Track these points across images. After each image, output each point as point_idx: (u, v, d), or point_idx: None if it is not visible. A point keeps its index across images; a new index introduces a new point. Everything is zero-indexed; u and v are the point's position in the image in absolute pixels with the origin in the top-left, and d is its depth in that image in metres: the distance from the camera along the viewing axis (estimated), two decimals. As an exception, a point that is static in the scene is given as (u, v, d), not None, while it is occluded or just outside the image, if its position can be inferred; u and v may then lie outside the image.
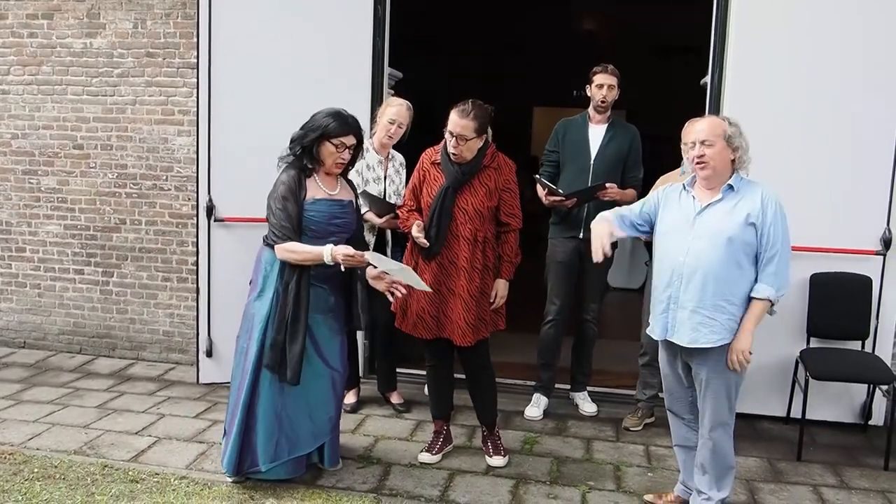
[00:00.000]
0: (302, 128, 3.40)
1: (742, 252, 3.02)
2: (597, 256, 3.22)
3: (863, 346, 4.37)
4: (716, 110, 4.50)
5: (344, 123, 3.38)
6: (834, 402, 4.44)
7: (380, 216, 4.18)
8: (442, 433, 3.95)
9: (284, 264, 3.37)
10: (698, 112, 4.61)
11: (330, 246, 3.30)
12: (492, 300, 3.71)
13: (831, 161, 4.29)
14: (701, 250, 3.05)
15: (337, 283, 3.53)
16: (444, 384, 3.95)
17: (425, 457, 3.85)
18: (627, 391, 4.74)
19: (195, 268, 4.91)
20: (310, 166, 3.40)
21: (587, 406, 4.67)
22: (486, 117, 3.57)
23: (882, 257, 4.36)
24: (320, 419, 3.53)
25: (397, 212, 3.94)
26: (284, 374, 3.35)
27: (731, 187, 3.08)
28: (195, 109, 4.80)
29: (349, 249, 3.29)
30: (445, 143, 3.63)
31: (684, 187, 3.22)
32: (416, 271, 3.55)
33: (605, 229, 3.25)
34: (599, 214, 3.39)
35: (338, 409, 3.65)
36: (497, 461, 3.84)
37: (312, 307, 3.40)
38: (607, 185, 4.28)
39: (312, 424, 3.51)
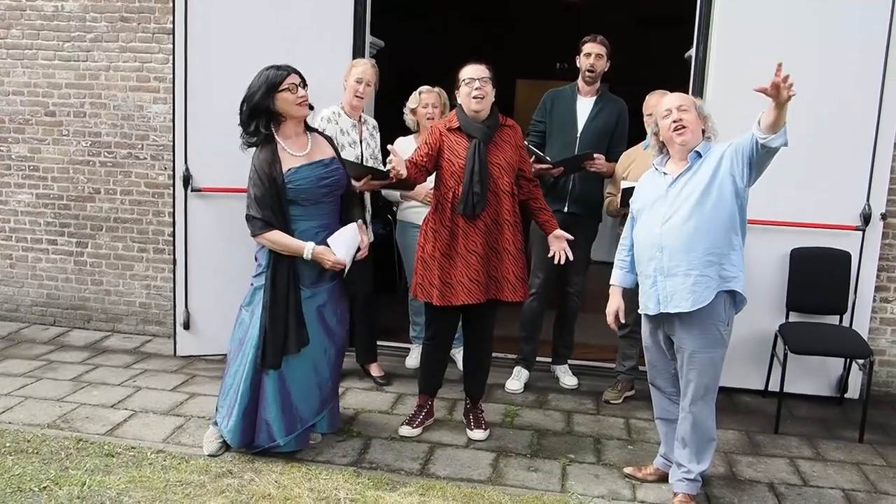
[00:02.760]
0: (244, 103, 3.33)
1: (718, 201, 3.04)
2: (610, 319, 3.42)
3: (840, 321, 4.41)
4: (700, 84, 4.48)
5: (278, 68, 3.34)
6: (811, 376, 4.49)
7: (357, 180, 4.12)
8: (425, 408, 3.94)
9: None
10: (683, 86, 4.59)
11: (311, 244, 3.31)
12: (556, 257, 3.76)
13: (813, 137, 4.28)
14: (680, 213, 3.08)
15: None
16: (441, 361, 3.94)
17: (406, 430, 3.83)
18: (608, 364, 4.74)
19: (172, 239, 4.84)
20: (274, 129, 3.34)
21: (568, 379, 4.68)
22: (493, 72, 3.67)
23: (861, 233, 4.38)
24: (325, 387, 3.54)
25: (392, 168, 3.64)
26: (292, 346, 3.38)
27: (698, 154, 3.12)
28: (171, 76, 4.69)
29: (328, 255, 3.34)
30: (458, 108, 3.69)
31: (655, 168, 3.25)
32: (456, 236, 3.61)
33: (615, 304, 3.41)
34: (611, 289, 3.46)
35: (339, 374, 3.69)
36: (478, 434, 3.84)
37: (316, 278, 3.42)
38: (595, 155, 4.26)
39: (320, 393, 3.52)
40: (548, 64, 9.25)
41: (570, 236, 3.78)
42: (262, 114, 3.30)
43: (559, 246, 3.77)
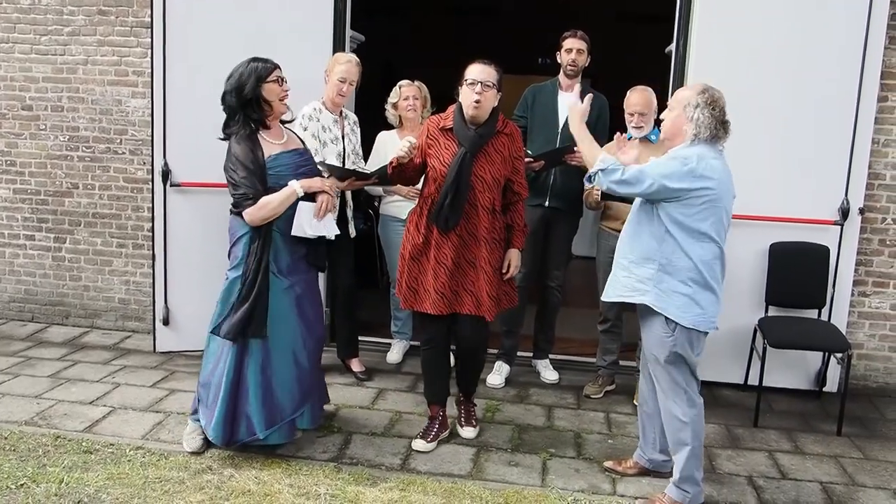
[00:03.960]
0: (230, 91, 3.34)
1: (644, 209, 3.09)
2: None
3: (819, 315, 4.45)
4: (680, 78, 4.49)
5: (265, 60, 3.39)
6: (790, 370, 4.52)
7: (341, 181, 4.11)
8: (438, 419, 3.74)
9: (251, 232, 3.33)
10: (663, 80, 4.61)
11: (295, 182, 3.34)
12: (505, 271, 3.60)
13: (792, 131, 4.32)
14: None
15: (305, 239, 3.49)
16: (443, 366, 3.77)
17: (420, 444, 3.65)
18: (589, 359, 4.77)
19: (151, 234, 4.81)
20: (258, 119, 3.36)
21: (549, 374, 4.69)
22: (500, 75, 3.50)
23: (840, 227, 4.42)
24: (306, 380, 3.53)
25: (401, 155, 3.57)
26: (258, 332, 3.36)
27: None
28: (150, 70, 4.66)
29: (314, 180, 3.39)
30: (457, 106, 3.52)
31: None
32: (429, 244, 3.50)
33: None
34: None
35: (320, 369, 3.68)
36: (468, 432, 3.80)
37: (291, 268, 3.42)
38: (576, 148, 4.25)
39: (301, 385, 3.50)
40: (529, 59, 9.24)
41: (516, 264, 3.64)
42: (250, 104, 3.33)
43: (507, 260, 3.62)
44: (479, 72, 3.44)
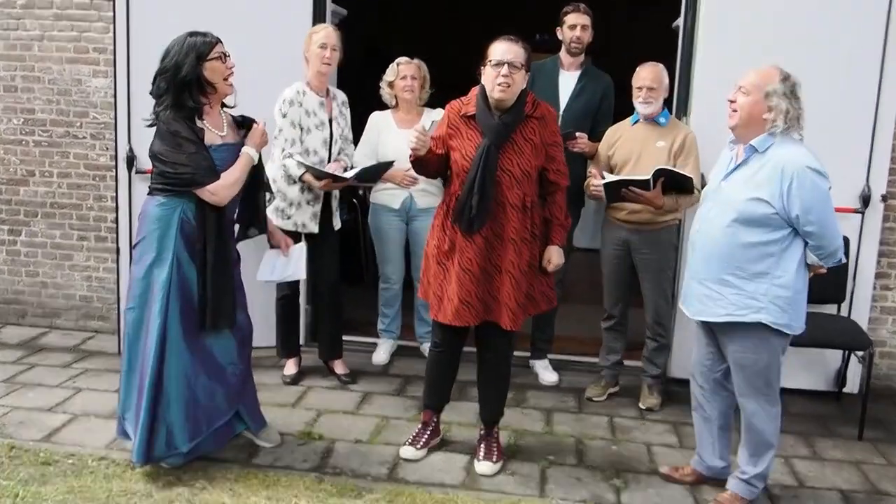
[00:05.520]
0: (163, 71, 3.21)
1: (752, 230, 3.01)
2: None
3: (838, 310, 4.45)
4: (688, 55, 4.48)
5: (204, 34, 3.26)
6: (808, 369, 4.53)
7: (317, 179, 4.09)
8: (430, 425, 3.73)
9: (185, 222, 3.23)
10: (671, 57, 4.59)
11: (245, 147, 3.33)
12: (547, 269, 3.51)
13: (810, 114, 4.28)
14: (712, 221, 3.10)
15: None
16: (449, 372, 3.71)
17: (408, 451, 3.62)
18: (591, 359, 4.77)
19: (115, 225, 4.78)
20: (195, 108, 3.23)
21: (548, 375, 4.69)
22: (528, 53, 3.38)
23: (860, 216, 4.42)
24: (231, 381, 3.46)
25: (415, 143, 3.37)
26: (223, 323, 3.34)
27: (753, 148, 3.04)
28: (112, 47, 4.61)
29: (256, 134, 3.38)
30: (480, 90, 3.40)
31: (729, 144, 3.22)
32: (454, 249, 3.41)
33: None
34: None
35: (248, 365, 3.58)
36: (485, 467, 3.54)
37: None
38: (577, 133, 4.25)
39: (226, 388, 3.44)
40: (527, 35, 9.22)
41: (557, 262, 3.52)
42: (189, 86, 3.20)
43: (546, 259, 3.52)
44: (504, 51, 3.30)
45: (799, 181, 2.94)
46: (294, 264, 3.83)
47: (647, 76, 4.07)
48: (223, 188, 3.23)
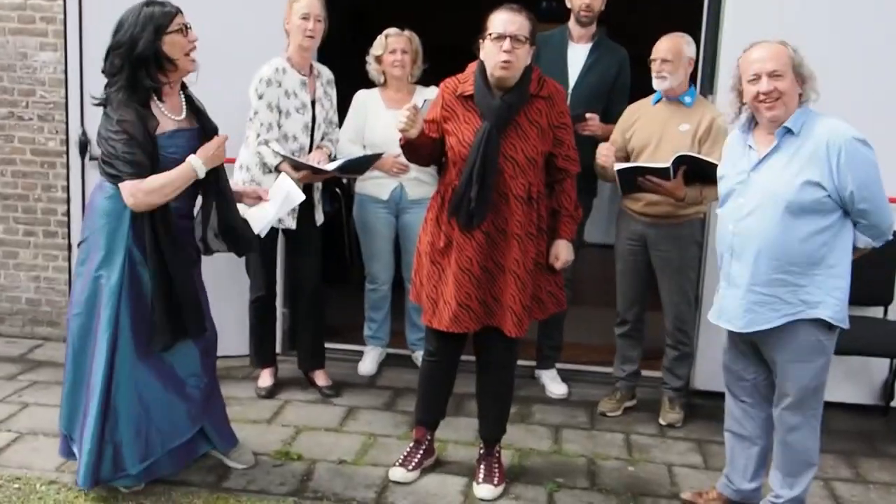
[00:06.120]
0: (117, 46, 3.16)
1: (805, 219, 3.00)
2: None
3: (885, 314, 4.46)
4: (714, 29, 4.48)
5: (162, 3, 3.20)
6: (851, 381, 4.54)
7: (295, 170, 4.09)
8: (423, 444, 3.72)
9: (140, 221, 3.20)
10: (695, 29, 4.58)
11: (192, 157, 3.20)
12: (554, 267, 3.51)
13: (854, 95, 4.29)
14: (753, 218, 3.07)
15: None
16: (444, 384, 3.71)
17: (399, 473, 3.62)
18: (604, 369, 4.77)
19: (66, 219, 4.77)
20: (153, 87, 3.19)
21: (556, 387, 4.70)
22: (533, 25, 3.36)
23: (911, 206, 4.42)
24: (193, 395, 3.45)
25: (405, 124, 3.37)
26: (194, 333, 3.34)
27: (788, 130, 3.03)
28: (62, 16, 4.61)
29: (211, 146, 3.25)
30: (478, 66, 3.38)
31: (739, 134, 3.21)
32: (450, 246, 3.40)
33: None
34: None
35: (213, 377, 3.57)
36: (485, 491, 3.52)
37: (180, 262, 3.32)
38: (587, 115, 4.24)
39: (187, 404, 3.43)
40: (531, 2, 9.23)
41: (566, 258, 3.54)
42: (147, 62, 3.16)
43: (554, 255, 3.52)
44: (507, 22, 3.28)
45: (848, 154, 2.95)
46: (284, 199, 3.57)
47: (662, 48, 4.07)
48: (143, 192, 3.12)
